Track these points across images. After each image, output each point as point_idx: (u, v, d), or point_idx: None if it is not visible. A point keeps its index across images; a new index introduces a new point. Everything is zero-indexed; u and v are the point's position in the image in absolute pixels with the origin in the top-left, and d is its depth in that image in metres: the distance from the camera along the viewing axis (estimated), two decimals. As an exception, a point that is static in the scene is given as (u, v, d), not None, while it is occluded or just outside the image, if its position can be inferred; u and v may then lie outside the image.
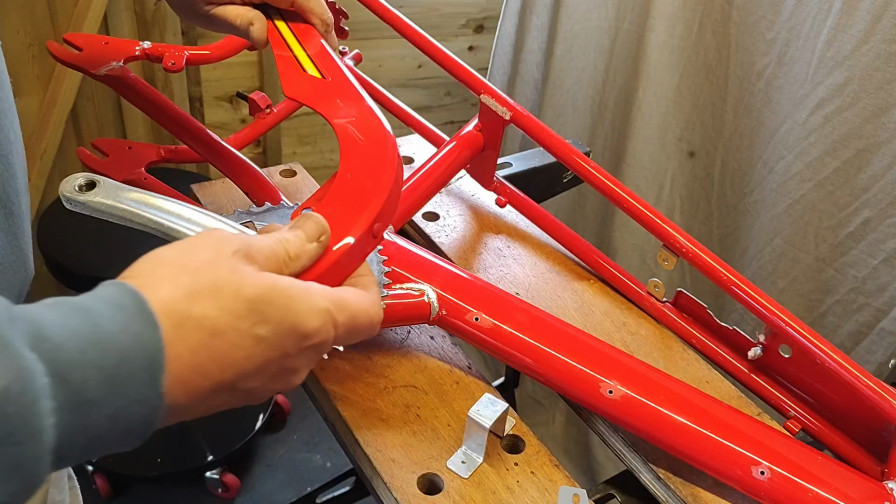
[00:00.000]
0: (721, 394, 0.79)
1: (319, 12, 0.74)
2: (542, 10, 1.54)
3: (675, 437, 0.68)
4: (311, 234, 0.47)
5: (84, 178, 0.65)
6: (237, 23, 0.72)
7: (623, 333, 0.85)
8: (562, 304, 0.88)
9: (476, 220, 1.01)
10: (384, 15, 0.99)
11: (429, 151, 1.09)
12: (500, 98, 0.89)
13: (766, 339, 0.78)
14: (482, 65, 1.81)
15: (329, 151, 2.10)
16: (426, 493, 0.65)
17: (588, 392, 0.70)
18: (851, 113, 1.14)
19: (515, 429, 0.72)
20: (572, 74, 1.58)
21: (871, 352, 1.19)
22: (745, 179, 1.38)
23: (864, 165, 1.15)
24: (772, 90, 1.29)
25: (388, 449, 0.69)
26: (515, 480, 0.67)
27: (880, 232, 1.15)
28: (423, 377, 0.76)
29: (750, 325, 1.21)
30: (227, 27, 0.73)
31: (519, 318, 0.74)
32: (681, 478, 0.70)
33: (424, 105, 2.13)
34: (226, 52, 0.95)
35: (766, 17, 1.27)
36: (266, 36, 0.72)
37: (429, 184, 0.88)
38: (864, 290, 1.19)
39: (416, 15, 1.65)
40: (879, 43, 1.08)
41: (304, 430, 1.84)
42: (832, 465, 0.68)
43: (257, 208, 0.75)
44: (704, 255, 0.80)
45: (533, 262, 0.94)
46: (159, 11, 1.76)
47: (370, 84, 1.13)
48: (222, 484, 1.63)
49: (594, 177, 0.86)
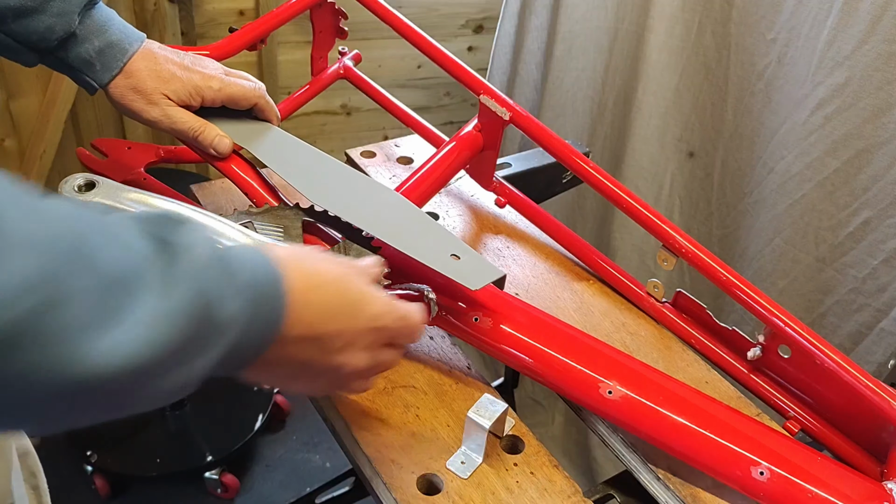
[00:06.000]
0: (720, 394, 0.79)
1: (273, 111, 0.84)
2: (541, 10, 1.54)
3: (674, 437, 0.68)
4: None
5: (83, 178, 0.66)
6: (185, 128, 0.77)
7: (622, 334, 0.85)
8: (561, 305, 0.88)
9: (475, 221, 1.01)
10: (383, 15, 0.99)
11: (428, 152, 1.09)
12: (500, 98, 0.89)
13: (765, 339, 0.78)
14: (481, 65, 1.81)
15: (328, 151, 2.08)
16: (425, 493, 0.65)
17: (587, 392, 0.70)
18: (852, 113, 1.14)
19: (515, 429, 0.72)
20: (572, 75, 1.58)
21: (871, 352, 1.18)
22: (745, 180, 1.38)
23: (865, 166, 1.14)
24: (772, 90, 1.28)
25: (387, 449, 0.69)
26: (515, 481, 0.67)
27: (880, 232, 1.15)
28: (422, 377, 0.76)
29: (749, 325, 1.21)
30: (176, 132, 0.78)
31: (518, 318, 0.74)
32: (680, 478, 0.70)
33: (424, 105, 2.13)
34: (225, 52, 0.95)
35: (767, 18, 1.26)
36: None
37: (428, 184, 0.88)
38: (863, 291, 1.19)
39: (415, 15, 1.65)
40: (880, 43, 1.08)
41: (304, 431, 1.84)
42: (831, 465, 0.68)
43: (256, 209, 0.75)
44: (704, 256, 0.80)
45: (532, 263, 0.94)
46: (159, 11, 1.75)
47: (370, 84, 1.13)
48: (221, 484, 1.63)
49: (593, 177, 0.86)
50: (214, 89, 0.77)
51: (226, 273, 0.42)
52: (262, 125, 0.83)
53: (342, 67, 1.12)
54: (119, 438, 1.62)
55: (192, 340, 0.39)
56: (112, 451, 1.60)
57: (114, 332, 0.35)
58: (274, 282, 0.46)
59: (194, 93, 0.76)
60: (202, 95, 0.77)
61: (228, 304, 0.41)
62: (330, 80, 1.11)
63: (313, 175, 0.77)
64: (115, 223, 0.38)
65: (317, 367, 0.53)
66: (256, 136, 0.81)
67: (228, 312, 0.41)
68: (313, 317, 0.49)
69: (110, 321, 0.35)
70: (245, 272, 0.44)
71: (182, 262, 0.39)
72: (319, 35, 1.06)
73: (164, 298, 0.37)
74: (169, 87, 0.75)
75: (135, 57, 0.74)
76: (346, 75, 1.12)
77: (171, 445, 1.67)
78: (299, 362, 0.51)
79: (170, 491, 1.67)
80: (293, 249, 0.52)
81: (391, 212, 0.73)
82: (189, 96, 0.76)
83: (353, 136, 2.10)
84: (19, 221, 0.33)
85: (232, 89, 0.79)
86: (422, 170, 0.89)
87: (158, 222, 0.40)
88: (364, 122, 2.10)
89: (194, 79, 0.76)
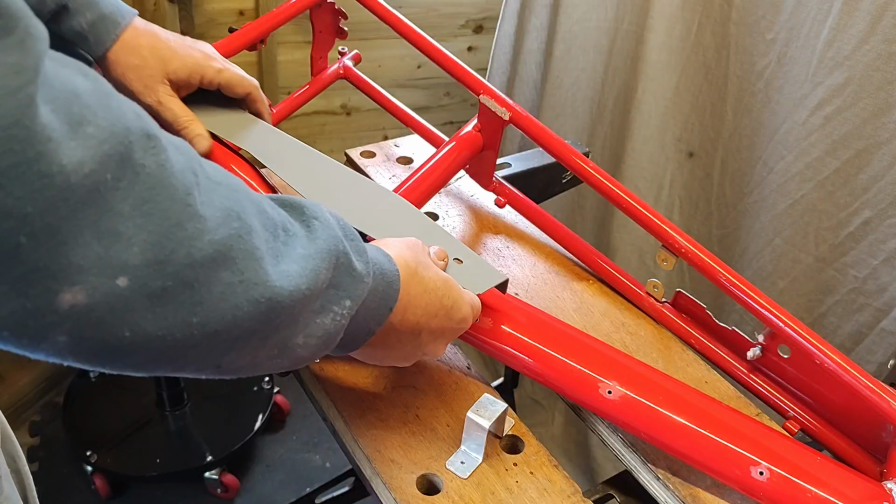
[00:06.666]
0: (720, 394, 0.79)
1: (265, 102, 0.85)
2: (541, 10, 1.54)
3: (674, 437, 0.68)
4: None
5: None
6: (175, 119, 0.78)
7: (622, 334, 0.85)
8: (561, 305, 0.88)
9: (475, 221, 1.01)
10: (383, 15, 0.99)
11: (428, 152, 1.09)
12: (500, 98, 0.89)
13: (765, 339, 0.78)
14: (481, 65, 1.81)
15: (328, 151, 2.08)
16: (425, 493, 0.65)
17: (587, 392, 0.70)
18: (851, 113, 1.14)
19: (514, 429, 0.72)
20: (571, 75, 1.58)
21: (871, 352, 1.18)
22: (745, 180, 1.38)
23: (865, 166, 1.14)
24: (771, 90, 1.28)
25: (387, 449, 0.69)
26: (514, 481, 0.67)
27: (880, 232, 1.15)
28: (422, 377, 0.76)
29: (749, 325, 1.21)
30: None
31: (518, 318, 0.74)
32: (680, 478, 0.70)
33: (424, 105, 2.13)
34: (225, 52, 0.95)
35: (766, 18, 1.26)
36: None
37: (428, 184, 0.88)
38: (864, 291, 1.19)
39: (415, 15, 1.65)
40: (879, 43, 1.08)
41: (304, 431, 1.84)
42: (831, 465, 0.68)
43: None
44: (703, 256, 0.80)
45: (532, 263, 0.94)
46: (158, 11, 1.76)
47: (370, 84, 1.13)
48: (221, 484, 1.63)
49: (593, 177, 0.86)
50: (215, 69, 0.78)
51: (352, 241, 0.51)
52: (259, 124, 0.83)
53: (342, 67, 1.12)
54: (119, 438, 1.62)
55: (335, 280, 0.47)
56: (112, 451, 1.60)
57: (281, 263, 0.43)
58: (393, 272, 0.55)
59: (195, 72, 0.76)
60: (202, 74, 0.77)
61: (357, 262, 0.50)
62: (330, 80, 1.12)
63: (312, 176, 0.77)
64: (254, 192, 0.45)
65: (406, 351, 0.62)
66: (253, 134, 0.81)
67: (359, 267, 0.50)
68: (417, 316, 0.59)
69: (277, 255, 0.43)
70: (368, 250, 0.53)
71: (316, 224, 0.47)
72: (319, 35, 1.06)
73: (309, 244, 0.45)
74: (170, 67, 0.74)
75: (138, 32, 0.73)
76: (345, 75, 1.12)
77: (171, 445, 1.67)
78: (394, 345, 0.60)
79: (170, 491, 1.67)
80: (403, 248, 0.59)
81: (392, 214, 0.73)
82: (189, 75, 0.76)
83: (352, 136, 2.10)
84: (212, 168, 0.41)
85: (231, 73, 0.79)
86: (421, 170, 0.89)
87: (283, 199, 0.48)
88: (364, 122, 2.09)
89: (195, 56, 0.76)
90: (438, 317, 0.61)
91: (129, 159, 0.35)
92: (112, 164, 0.34)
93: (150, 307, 0.36)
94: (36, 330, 0.33)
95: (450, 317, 0.62)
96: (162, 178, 0.36)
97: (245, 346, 0.42)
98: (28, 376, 1.76)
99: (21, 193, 0.31)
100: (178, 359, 0.40)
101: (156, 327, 0.37)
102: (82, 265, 0.33)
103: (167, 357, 0.39)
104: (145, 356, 0.38)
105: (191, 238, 0.37)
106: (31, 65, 0.31)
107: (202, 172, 0.39)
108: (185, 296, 0.37)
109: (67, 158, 0.32)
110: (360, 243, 0.52)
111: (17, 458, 0.66)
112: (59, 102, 0.32)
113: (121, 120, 0.35)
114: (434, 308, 0.60)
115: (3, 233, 0.31)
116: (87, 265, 0.33)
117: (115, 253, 0.34)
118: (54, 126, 0.32)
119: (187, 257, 0.37)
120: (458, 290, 0.63)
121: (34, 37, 0.31)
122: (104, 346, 0.36)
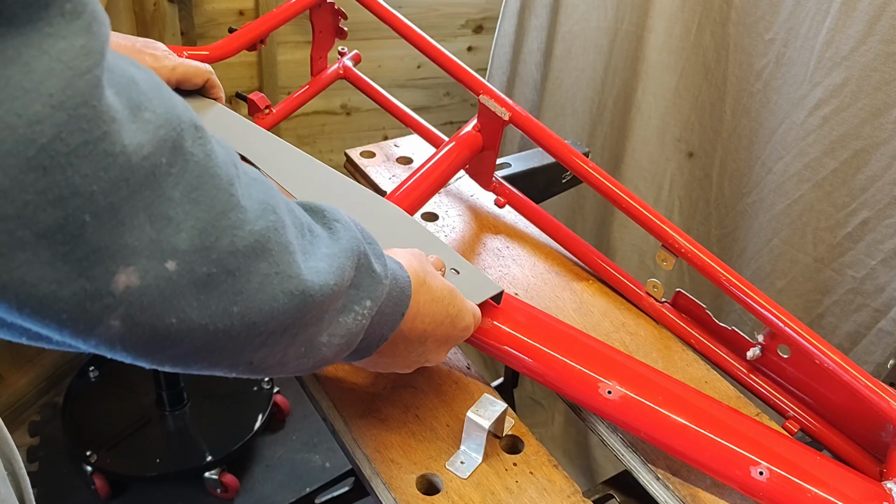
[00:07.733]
0: (720, 394, 0.79)
1: (220, 87, 0.86)
2: (541, 10, 1.54)
3: (673, 437, 0.68)
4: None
5: None
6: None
7: (622, 334, 0.85)
8: (561, 305, 0.88)
9: (475, 221, 1.01)
10: (383, 15, 0.99)
11: (428, 152, 1.09)
12: (499, 98, 0.89)
13: (764, 339, 0.78)
14: (481, 65, 1.81)
15: (328, 152, 2.10)
16: (425, 493, 0.65)
17: (587, 392, 0.70)
18: (850, 113, 1.14)
19: (514, 429, 0.72)
20: (571, 75, 1.58)
21: (870, 352, 1.19)
22: (744, 180, 1.38)
23: (863, 166, 1.15)
24: (770, 91, 1.29)
25: (386, 449, 0.69)
26: (514, 481, 0.67)
27: (879, 232, 1.15)
28: (422, 378, 0.76)
29: (748, 325, 1.21)
30: None
31: (518, 318, 0.74)
32: (679, 478, 0.70)
33: (423, 105, 2.13)
34: (225, 52, 0.95)
35: (765, 18, 1.27)
36: None
37: (428, 184, 0.88)
38: (862, 291, 1.19)
39: (415, 15, 1.65)
40: (878, 43, 1.08)
41: (304, 431, 1.84)
42: (831, 465, 0.68)
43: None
44: (703, 256, 0.80)
45: (532, 263, 0.94)
46: (158, 11, 1.75)
47: (370, 84, 1.13)
48: (221, 484, 1.63)
49: (593, 177, 0.86)
50: (169, 68, 0.78)
51: (370, 244, 0.52)
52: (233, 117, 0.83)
53: (342, 67, 1.12)
54: (119, 438, 1.62)
55: (356, 281, 0.49)
56: (112, 451, 1.60)
57: (310, 260, 0.44)
58: (405, 279, 0.57)
59: None
60: None
61: (376, 264, 0.51)
62: (329, 80, 1.12)
63: (294, 172, 0.76)
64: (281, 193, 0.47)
65: (411, 359, 0.64)
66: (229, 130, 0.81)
67: (378, 269, 0.51)
68: (425, 324, 0.60)
69: (306, 252, 0.44)
70: (385, 258, 0.54)
71: (337, 226, 0.49)
72: (319, 35, 1.06)
73: (333, 244, 0.47)
74: None
75: None
76: (345, 75, 1.12)
77: (170, 445, 1.67)
78: (401, 352, 0.62)
79: (169, 491, 1.67)
80: (409, 257, 0.61)
81: (389, 224, 0.73)
82: None
83: (352, 136, 2.10)
84: (245, 165, 0.42)
85: (185, 68, 0.80)
86: (421, 170, 0.89)
87: (303, 203, 0.50)
88: (364, 122, 2.10)
89: (147, 62, 0.76)
90: (444, 325, 0.63)
91: (180, 147, 0.36)
92: (166, 149, 0.35)
93: (195, 293, 0.37)
94: (93, 313, 0.34)
95: (454, 325, 0.64)
96: (209, 167, 0.37)
97: (278, 341, 0.43)
98: (27, 376, 1.76)
99: (88, 171, 0.31)
100: (216, 351, 0.40)
101: (200, 314, 0.38)
102: (136, 247, 0.34)
103: (207, 349, 0.40)
104: (189, 346, 0.38)
105: (233, 227, 0.38)
106: (98, 48, 0.31)
107: (241, 166, 0.41)
108: (227, 284, 0.38)
109: (129, 140, 0.33)
110: (378, 247, 0.53)
111: (13, 460, 0.66)
112: (120, 87, 0.33)
113: (173, 109, 0.36)
114: (441, 316, 0.62)
115: (71, 210, 0.31)
116: (141, 247, 0.34)
117: (166, 237, 0.35)
118: (117, 108, 0.33)
119: (230, 245, 0.38)
120: (462, 299, 0.65)
121: (100, 21, 0.32)
122: (153, 333, 0.36)
